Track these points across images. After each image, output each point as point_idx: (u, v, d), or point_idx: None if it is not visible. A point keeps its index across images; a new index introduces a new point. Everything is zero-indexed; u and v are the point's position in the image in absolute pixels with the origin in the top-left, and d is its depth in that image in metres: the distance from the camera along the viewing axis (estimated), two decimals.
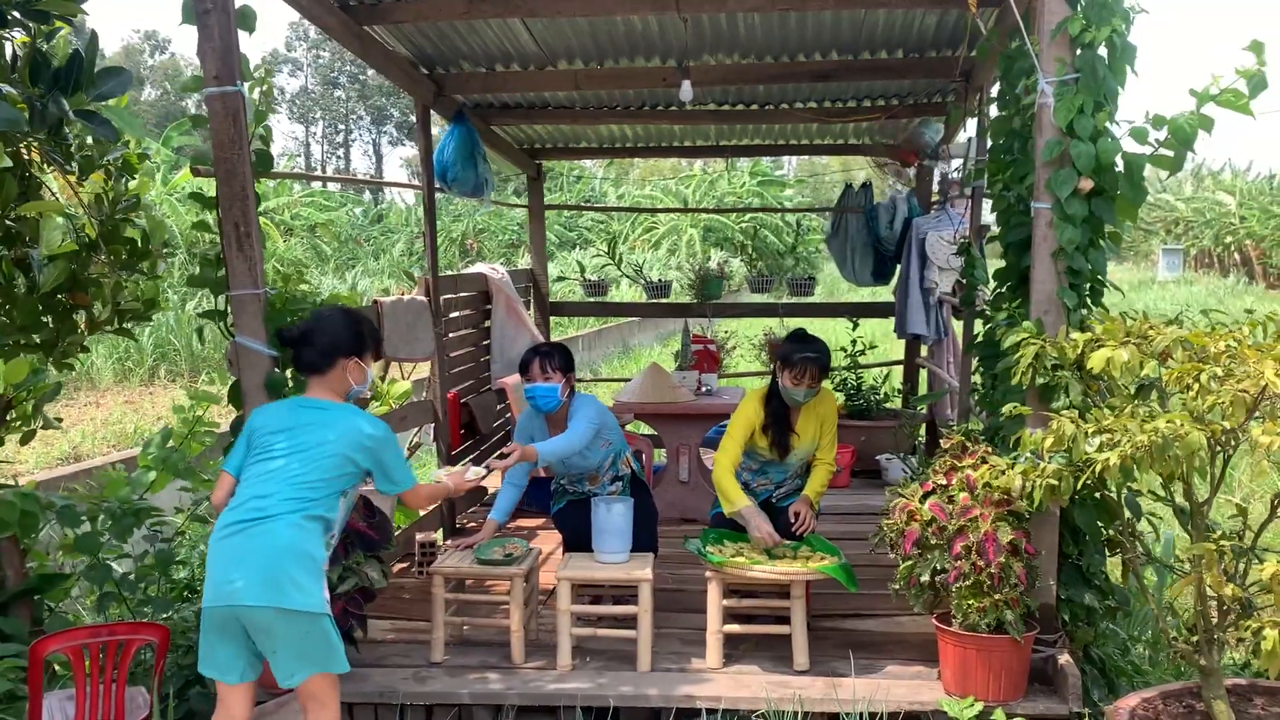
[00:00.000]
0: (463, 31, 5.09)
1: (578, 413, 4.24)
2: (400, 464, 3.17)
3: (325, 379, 3.19)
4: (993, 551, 3.34)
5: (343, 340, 3.18)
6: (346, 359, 3.18)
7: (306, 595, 2.87)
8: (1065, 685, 3.46)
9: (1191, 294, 21.14)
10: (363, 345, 3.23)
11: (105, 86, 3.34)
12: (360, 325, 3.24)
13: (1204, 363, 2.99)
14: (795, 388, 4.14)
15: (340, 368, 3.18)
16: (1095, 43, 3.29)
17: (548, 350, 4.32)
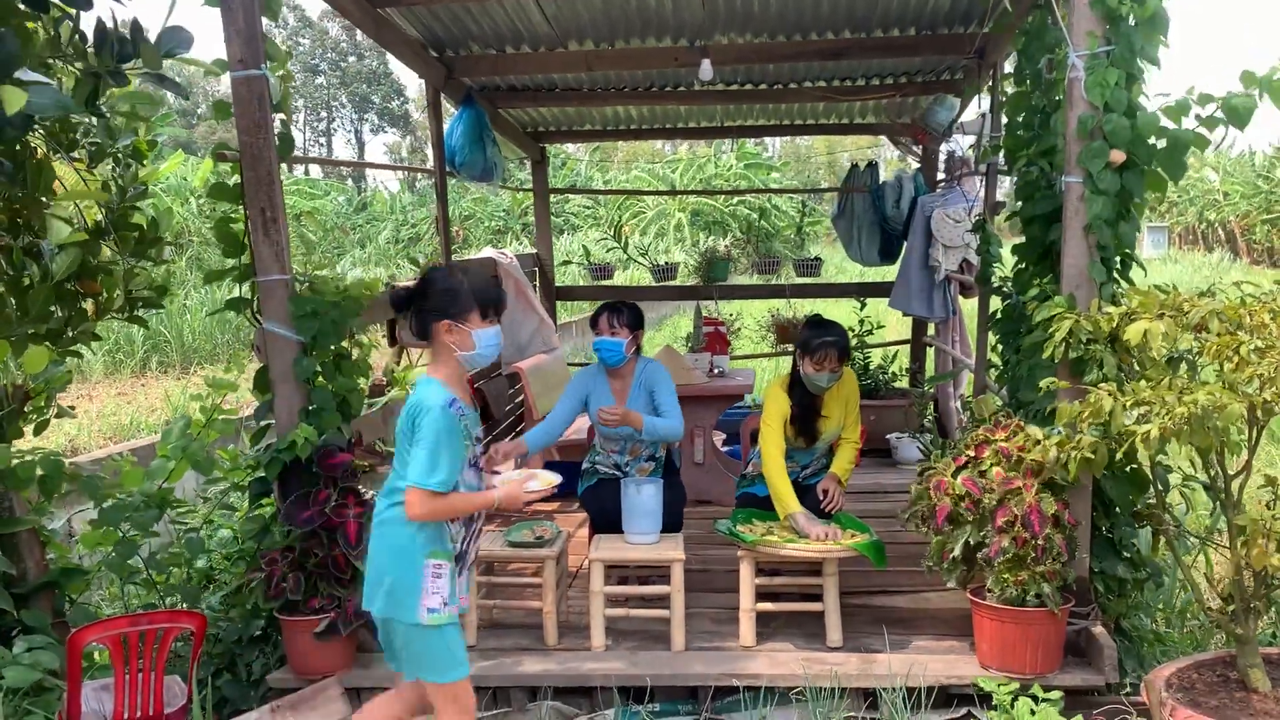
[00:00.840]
0: (475, 12, 5.05)
1: (661, 391, 4.38)
2: (425, 455, 2.71)
3: (431, 349, 2.90)
4: (1038, 523, 3.35)
5: (435, 301, 2.82)
6: (439, 322, 2.82)
7: (393, 601, 2.77)
8: (1101, 657, 3.48)
9: (1177, 271, 21.27)
10: (458, 304, 2.81)
11: (169, 45, 3.29)
12: (455, 282, 2.84)
13: (1240, 334, 3.01)
14: (818, 374, 4.14)
15: (438, 333, 2.84)
16: (1129, 15, 3.29)
17: (617, 306, 4.43)
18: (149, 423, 9.76)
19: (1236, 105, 3.17)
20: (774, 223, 21.82)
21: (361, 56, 50.89)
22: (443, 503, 2.74)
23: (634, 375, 4.42)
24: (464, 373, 2.88)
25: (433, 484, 2.70)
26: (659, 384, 4.42)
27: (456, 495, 2.80)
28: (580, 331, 15.05)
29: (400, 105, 53.30)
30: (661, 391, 4.40)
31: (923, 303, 6.54)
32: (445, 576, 2.79)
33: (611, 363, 4.39)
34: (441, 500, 2.74)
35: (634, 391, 4.42)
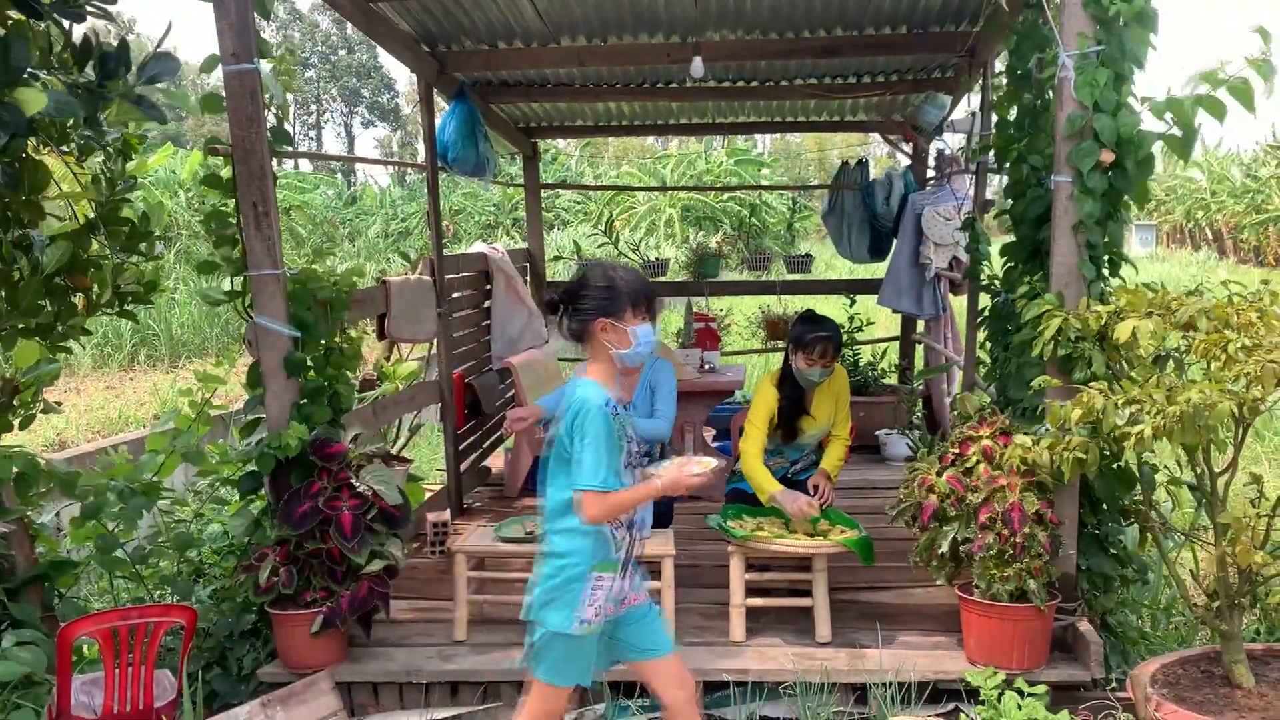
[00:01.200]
0: (467, 7, 5.04)
1: (661, 389, 4.41)
2: (590, 456, 2.66)
3: (587, 349, 2.84)
4: (1019, 521, 3.38)
5: (592, 300, 2.76)
6: (596, 320, 2.75)
7: (550, 609, 2.76)
8: (1087, 653, 3.51)
9: (1165, 270, 21.38)
10: (615, 302, 2.76)
11: (154, 71, 3.28)
12: (612, 278, 2.79)
13: (1227, 332, 3.04)
14: (810, 368, 4.17)
15: (594, 332, 2.77)
16: (1119, 15, 3.31)
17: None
18: (137, 416, 9.74)
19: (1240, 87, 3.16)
20: (764, 219, 21.85)
21: (352, 50, 50.72)
22: (612, 500, 2.69)
23: (642, 371, 4.45)
24: (619, 371, 2.84)
25: (599, 483, 2.65)
26: (661, 382, 4.47)
27: (625, 490, 2.74)
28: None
29: (390, 100, 53.16)
30: (661, 390, 4.44)
31: (912, 300, 6.56)
32: (605, 589, 2.76)
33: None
34: (610, 498, 2.69)
35: (640, 389, 4.45)
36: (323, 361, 3.95)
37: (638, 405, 4.47)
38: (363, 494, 3.63)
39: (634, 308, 2.77)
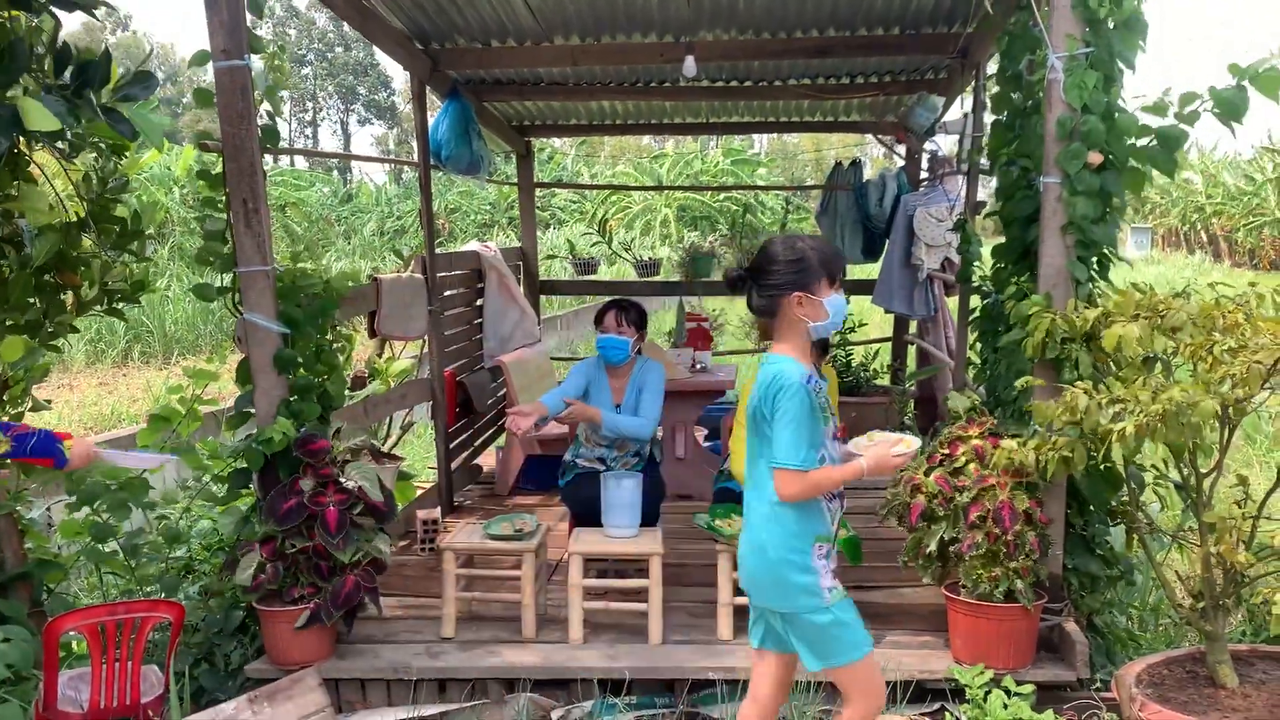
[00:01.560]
0: (460, 5, 5.04)
1: (648, 389, 4.42)
2: (789, 433, 2.60)
3: (775, 325, 2.76)
4: (1009, 519, 3.39)
5: (784, 274, 2.68)
6: (788, 294, 2.68)
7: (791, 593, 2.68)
8: (1073, 653, 3.53)
9: (1160, 272, 21.43)
10: (808, 274, 2.68)
11: (132, 89, 3.27)
12: (801, 250, 2.70)
13: (1214, 334, 3.05)
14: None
15: (787, 307, 2.70)
16: (1109, 18, 3.32)
17: (625, 304, 4.49)
18: (130, 413, 9.72)
19: (1229, 98, 3.18)
20: (761, 219, 21.86)
21: (349, 48, 50.68)
22: (812, 479, 2.63)
23: (631, 374, 4.48)
24: (810, 345, 2.78)
25: (799, 462, 2.60)
26: (649, 383, 4.48)
27: (824, 470, 2.68)
28: (566, 325, 15.06)
29: (387, 97, 53.13)
30: (648, 390, 4.46)
31: (904, 300, 6.58)
32: (830, 556, 2.72)
33: (615, 361, 4.44)
34: (811, 477, 2.63)
35: (629, 391, 4.47)
36: (312, 358, 3.95)
37: (624, 407, 4.49)
38: (348, 490, 3.63)
39: (828, 278, 2.70)
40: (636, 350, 4.49)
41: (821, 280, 2.69)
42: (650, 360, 4.56)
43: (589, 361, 4.61)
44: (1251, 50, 3.22)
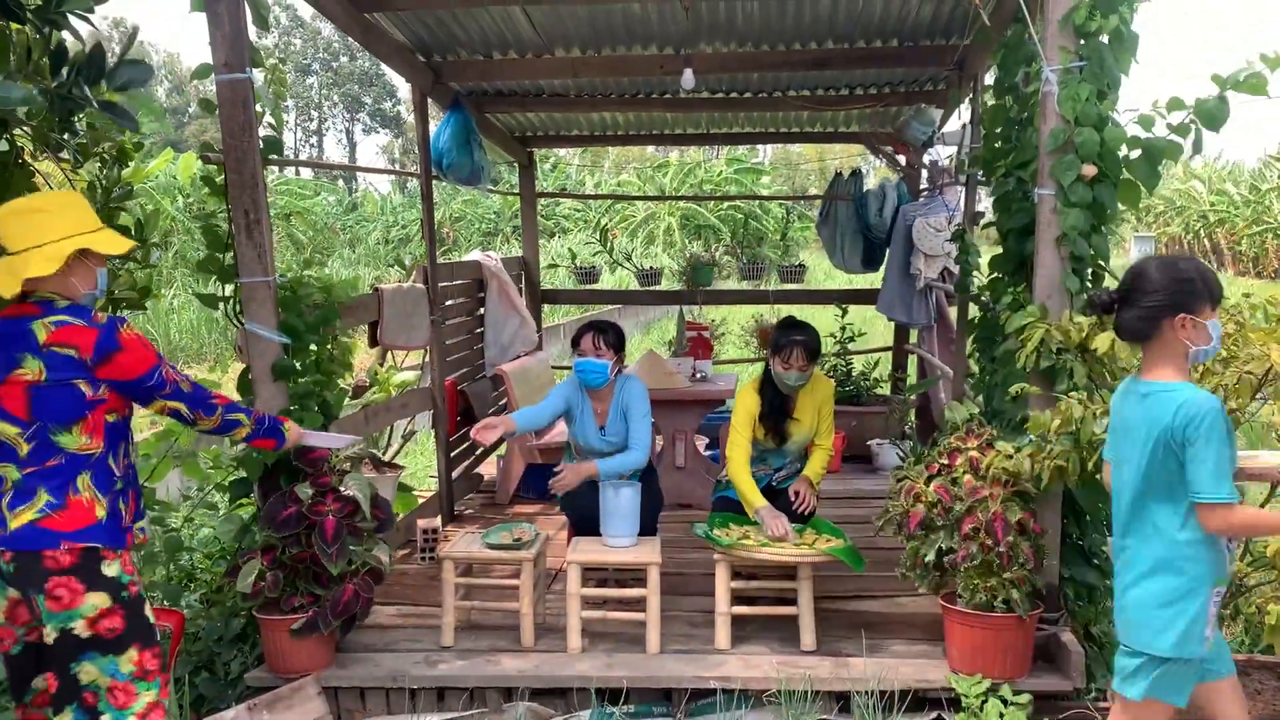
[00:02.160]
0: (461, 18, 5.09)
1: (634, 414, 4.35)
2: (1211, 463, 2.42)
3: (1149, 349, 2.61)
4: (1001, 531, 3.41)
5: (1169, 295, 2.54)
6: (1172, 317, 2.54)
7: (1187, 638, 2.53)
8: (1069, 662, 3.54)
9: None
10: (1194, 296, 2.54)
11: (125, 78, 3.29)
12: (1186, 272, 2.57)
13: None
14: (786, 372, 4.23)
15: (1168, 329, 2.56)
16: (1100, 31, 3.35)
17: (602, 326, 4.40)
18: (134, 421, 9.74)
19: (1210, 109, 3.22)
20: (764, 226, 21.91)
21: (354, 57, 50.87)
22: (1242, 516, 2.47)
23: (613, 395, 4.42)
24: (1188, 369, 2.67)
25: (1226, 495, 2.42)
26: (633, 405, 4.38)
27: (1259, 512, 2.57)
28: (568, 333, 15.08)
29: (392, 106, 53.28)
30: (634, 414, 4.36)
31: (904, 309, 6.60)
32: (1218, 603, 2.60)
33: (594, 385, 4.38)
34: (1240, 513, 2.45)
35: (612, 413, 4.40)
36: (312, 368, 3.98)
37: (609, 428, 4.43)
38: (346, 498, 3.65)
39: (1211, 302, 2.57)
40: (615, 371, 4.45)
41: (1206, 303, 2.56)
42: (630, 379, 4.47)
43: (569, 382, 4.49)
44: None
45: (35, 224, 2.68)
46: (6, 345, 2.68)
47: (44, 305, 2.72)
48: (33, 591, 2.67)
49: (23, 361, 2.67)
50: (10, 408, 2.68)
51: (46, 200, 2.81)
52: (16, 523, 2.66)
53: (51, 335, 2.68)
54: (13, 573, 2.68)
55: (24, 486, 2.69)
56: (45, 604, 2.66)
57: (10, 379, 2.67)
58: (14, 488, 2.69)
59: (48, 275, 2.66)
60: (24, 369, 2.67)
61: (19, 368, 2.67)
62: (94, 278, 2.82)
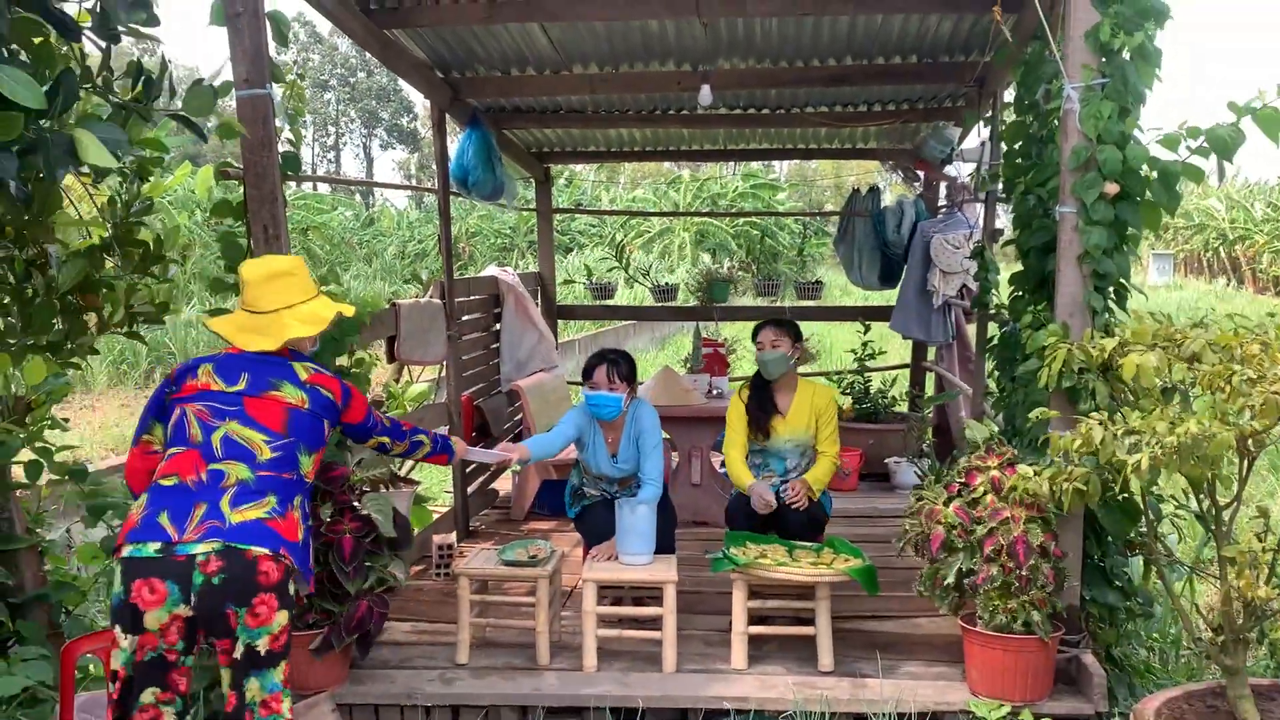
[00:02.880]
0: (480, 36, 5.11)
1: (646, 446, 4.30)
2: None
3: None
4: (1024, 554, 3.37)
5: None
6: None
7: None
8: (1090, 685, 3.49)
9: (1182, 298, 21.29)
10: None
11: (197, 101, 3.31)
12: None
13: (1233, 365, 3.03)
14: (762, 352, 4.48)
15: None
16: (1123, 48, 3.33)
17: (614, 358, 4.34)
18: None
19: (1222, 136, 3.20)
20: (781, 241, 21.90)
21: (371, 73, 51.23)
22: None
23: (625, 424, 4.36)
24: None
25: None
26: (645, 434, 4.31)
27: None
28: (584, 349, 15.08)
29: (409, 122, 53.61)
30: (647, 444, 4.30)
31: (921, 327, 6.56)
32: None
33: (608, 419, 4.34)
34: None
35: (624, 440, 4.37)
36: None
37: (621, 456, 4.39)
38: (364, 517, 3.65)
39: None
40: (628, 402, 4.36)
41: None
42: (641, 404, 4.41)
43: (580, 410, 4.42)
44: None
45: (285, 286, 3.00)
46: (264, 370, 2.91)
47: (294, 354, 3.04)
48: (235, 605, 2.65)
49: (280, 386, 2.90)
50: (262, 419, 2.84)
51: (289, 265, 3.09)
52: (240, 518, 2.70)
53: (312, 376, 2.99)
54: (219, 585, 2.62)
55: (255, 486, 2.76)
56: (245, 619, 2.66)
57: (267, 396, 2.88)
58: (239, 484, 2.74)
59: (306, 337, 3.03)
60: (283, 392, 2.90)
61: (276, 390, 2.89)
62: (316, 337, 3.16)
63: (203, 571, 2.61)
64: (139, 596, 2.61)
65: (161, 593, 2.61)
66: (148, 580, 2.61)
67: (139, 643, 2.66)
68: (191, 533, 2.64)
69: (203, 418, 2.82)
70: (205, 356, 2.94)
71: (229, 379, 2.88)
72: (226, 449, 2.78)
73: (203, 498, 2.71)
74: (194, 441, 2.79)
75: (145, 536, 2.63)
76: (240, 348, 2.95)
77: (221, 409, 2.83)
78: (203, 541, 2.63)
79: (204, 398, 2.85)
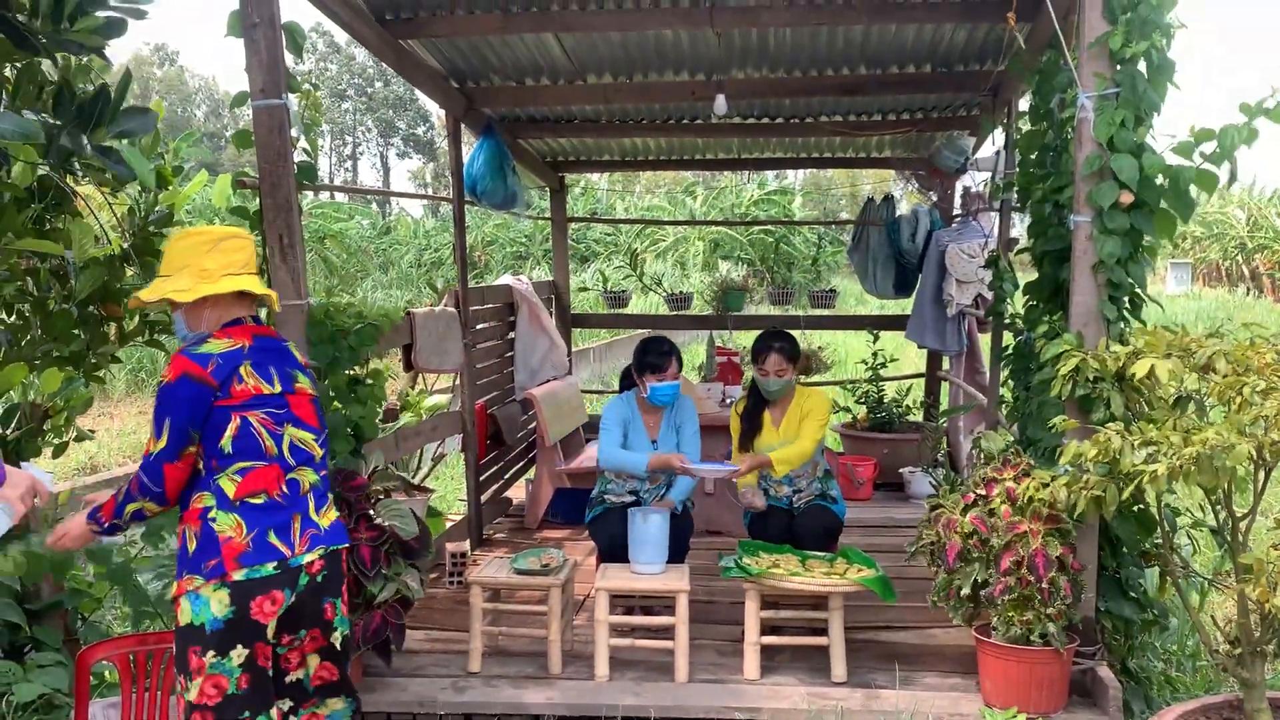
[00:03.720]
0: (495, 45, 5.13)
1: (686, 428, 4.53)
2: None
3: None
4: (1043, 567, 3.35)
5: None
6: None
7: None
8: (1105, 698, 3.46)
9: (1201, 307, 21.14)
10: None
11: (128, 125, 3.30)
12: None
13: (1247, 375, 3.01)
14: (764, 379, 4.41)
15: None
16: (1135, 57, 3.32)
17: (670, 349, 4.47)
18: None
19: (1231, 134, 3.17)
20: (797, 249, 21.86)
21: (388, 83, 51.52)
22: None
23: (665, 410, 4.53)
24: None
25: None
26: (685, 422, 4.54)
27: None
28: (598, 358, 15.10)
29: (426, 131, 53.87)
30: (687, 431, 4.52)
31: (936, 336, 6.55)
32: None
33: (666, 404, 4.50)
34: None
35: (664, 425, 4.52)
36: (346, 392, 3.99)
37: (661, 442, 4.47)
38: (380, 525, 3.66)
39: None
40: None
41: None
42: (682, 395, 4.58)
43: (620, 401, 4.57)
44: None
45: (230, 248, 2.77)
46: (280, 360, 2.81)
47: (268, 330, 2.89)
48: (331, 598, 2.81)
49: (298, 376, 2.85)
50: (304, 416, 2.82)
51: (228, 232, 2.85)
52: (327, 520, 2.82)
53: (302, 357, 2.95)
54: (322, 581, 2.77)
55: (322, 488, 2.86)
56: (341, 607, 2.85)
57: (298, 390, 2.82)
58: (313, 490, 2.82)
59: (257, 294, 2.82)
60: (303, 383, 2.86)
61: (299, 382, 2.84)
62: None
63: (308, 573, 2.73)
64: (260, 612, 2.65)
65: (280, 600, 2.68)
66: (269, 594, 2.66)
67: (256, 651, 2.68)
68: (300, 545, 2.72)
69: (269, 426, 2.72)
70: (226, 353, 2.70)
71: (268, 379, 2.75)
72: (295, 456, 2.78)
73: (295, 509, 2.75)
74: (270, 455, 2.72)
75: (261, 559, 2.65)
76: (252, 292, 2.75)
77: (278, 414, 2.76)
78: (310, 550, 2.74)
79: (260, 404, 2.73)
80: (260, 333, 2.82)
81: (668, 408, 4.53)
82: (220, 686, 2.64)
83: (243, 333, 2.76)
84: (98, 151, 3.34)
